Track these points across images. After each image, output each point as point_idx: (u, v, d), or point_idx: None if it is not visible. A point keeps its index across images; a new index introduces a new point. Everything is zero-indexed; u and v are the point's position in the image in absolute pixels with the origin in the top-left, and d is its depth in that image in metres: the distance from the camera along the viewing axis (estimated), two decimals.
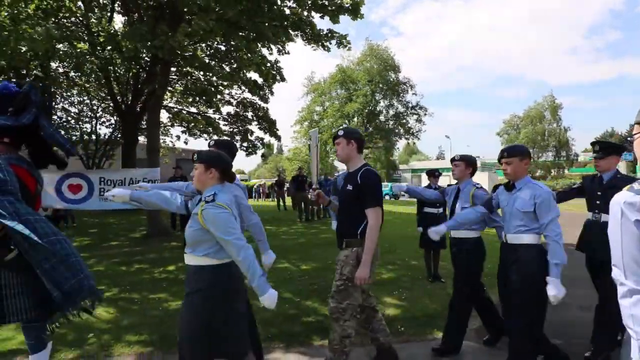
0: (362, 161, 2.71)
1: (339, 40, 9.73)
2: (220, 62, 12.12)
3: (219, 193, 2.03)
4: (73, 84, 14.94)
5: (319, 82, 33.44)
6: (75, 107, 16.94)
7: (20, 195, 2.24)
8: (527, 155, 2.62)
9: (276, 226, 11.09)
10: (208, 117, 15.92)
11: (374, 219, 2.49)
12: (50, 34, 5.54)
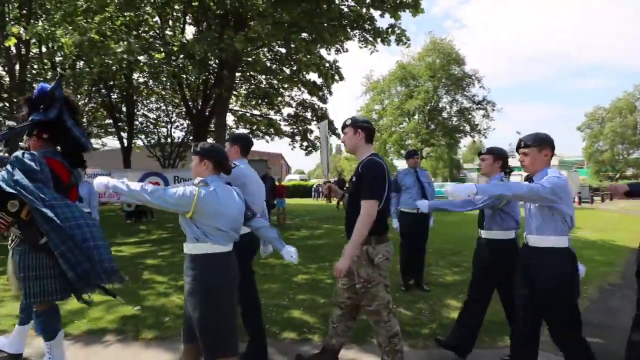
0: (370, 151, 2.53)
1: (399, 37, 9.49)
2: (281, 65, 12.52)
3: (212, 183, 2.13)
4: (151, 92, 16.47)
5: (378, 80, 32.95)
6: (153, 113, 18.65)
7: (51, 184, 2.48)
8: (547, 145, 2.24)
9: (335, 225, 11.15)
10: (270, 118, 16.52)
11: (365, 211, 2.32)
12: (130, 47, 6.15)
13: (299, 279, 5.07)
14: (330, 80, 12.05)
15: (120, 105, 16.14)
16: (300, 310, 3.90)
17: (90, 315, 3.77)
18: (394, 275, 5.15)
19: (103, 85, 14.01)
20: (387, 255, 2.44)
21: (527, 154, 2.26)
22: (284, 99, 16.01)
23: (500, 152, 2.95)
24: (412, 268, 4.68)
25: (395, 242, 3.08)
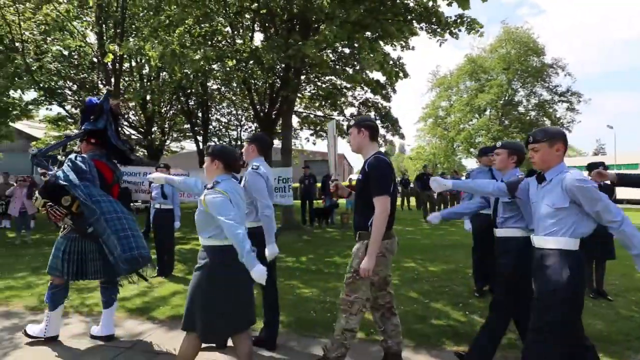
0: (375, 149, 2.59)
1: (470, 25, 8.95)
2: (345, 65, 12.55)
3: (222, 182, 2.31)
4: (224, 98, 17.58)
5: (445, 76, 31.47)
6: (225, 118, 19.90)
7: (97, 183, 2.99)
8: (559, 140, 2.09)
9: (401, 225, 10.89)
10: (333, 119, 16.65)
11: (379, 208, 2.37)
12: (207, 55, 6.64)
13: None
14: (394, 78, 11.74)
15: (197, 111, 17.46)
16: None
17: (172, 302, 4.12)
18: (466, 280, 4.88)
19: (182, 93, 15.27)
20: (384, 252, 2.47)
21: (537, 150, 2.13)
22: (347, 99, 16.04)
23: (515, 146, 2.81)
24: (486, 273, 4.38)
25: (466, 245, 2.92)
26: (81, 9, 10.03)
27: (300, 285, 4.76)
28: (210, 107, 17.90)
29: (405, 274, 5.26)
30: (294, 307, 3.97)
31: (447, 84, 30.88)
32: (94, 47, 10.59)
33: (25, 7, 8.83)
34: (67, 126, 15.65)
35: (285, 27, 8.88)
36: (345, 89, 15.55)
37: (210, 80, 13.62)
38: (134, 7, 9.04)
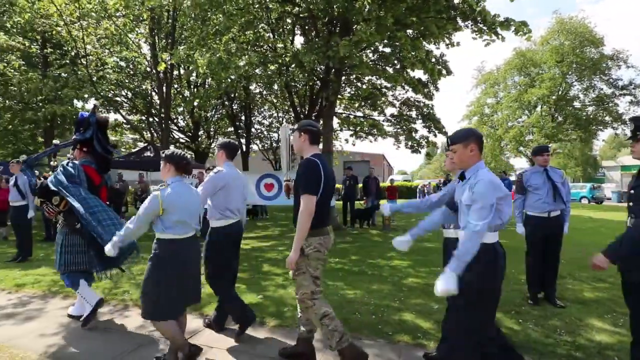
0: (314, 152, 2.75)
1: (518, 28, 8.49)
2: (385, 64, 12.40)
3: (172, 183, 2.69)
4: (265, 101, 18.03)
5: (491, 72, 30.08)
6: (266, 120, 20.39)
7: (85, 185, 3.55)
8: (472, 140, 2.19)
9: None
10: (373, 119, 16.50)
11: (303, 205, 2.53)
12: (251, 60, 6.86)
13: (409, 282, 4.95)
14: (436, 75, 11.47)
15: (240, 114, 18.05)
16: (413, 314, 3.79)
17: None
18: (517, 285, 4.64)
19: (226, 98, 15.87)
20: (318, 247, 2.62)
21: (455, 151, 2.24)
22: (387, 99, 15.82)
23: None
24: (541, 280, 4.14)
25: (515, 249, 2.78)
26: (136, 22, 10.76)
27: (344, 287, 4.77)
28: (252, 110, 18.44)
29: None
30: (339, 308, 3.98)
31: (493, 80, 29.51)
32: (148, 57, 11.29)
33: (89, 23, 9.63)
34: (123, 131, 16.83)
35: (327, 29, 8.96)
36: (385, 88, 15.36)
37: (253, 84, 14.03)
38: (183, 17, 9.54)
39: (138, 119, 14.57)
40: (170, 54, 8.02)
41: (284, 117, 19.96)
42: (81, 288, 3.57)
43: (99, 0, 9.05)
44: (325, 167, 2.66)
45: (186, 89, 14.75)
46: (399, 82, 12.42)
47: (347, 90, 16.00)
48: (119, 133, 16.87)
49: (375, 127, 16.28)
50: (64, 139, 14.24)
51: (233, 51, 7.95)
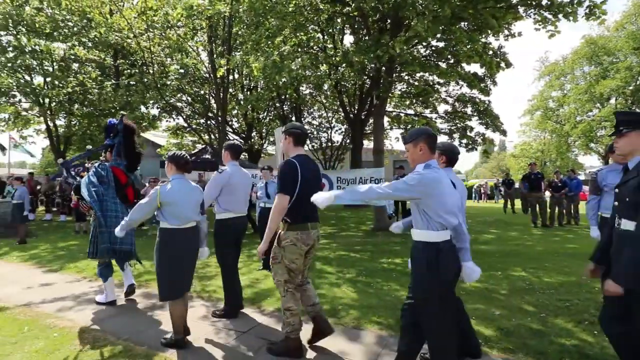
0: (297, 153, 2.93)
1: (590, 10, 7.73)
2: (438, 59, 11.97)
3: (173, 180, 3.11)
4: (315, 101, 18.25)
5: (556, 63, 27.82)
6: (316, 120, 20.62)
7: (113, 184, 4.05)
8: (422, 140, 2.26)
9: (502, 230, 9.97)
10: (425, 117, 16.02)
11: (276, 202, 2.78)
12: (303, 63, 6.99)
13: (466, 286, 4.73)
14: (494, 69, 10.83)
15: (290, 115, 18.44)
16: (472, 320, 3.63)
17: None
18: (591, 294, 4.26)
19: (277, 100, 16.30)
20: (294, 241, 2.81)
21: (408, 150, 2.33)
22: (440, 96, 15.27)
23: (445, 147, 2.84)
24: None
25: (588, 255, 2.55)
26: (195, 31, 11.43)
27: (398, 287, 4.69)
28: (302, 111, 18.75)
29: (515, 283, 4.81)
30: (393, 309, 3.93)
31: (559, 71, 27.28)
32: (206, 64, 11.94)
33: (155, 34, 10.41)
34: (184, 134, 17.95)
35: (377, 27, 8.85)
36: (438, 84, 14.85)
37: (303, 86, 14.27)
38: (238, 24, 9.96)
39: (197, 122, 15.46)
40: (227, 59, 8.41)
41: (334, 117, 20.06)
42: (108, 283, 4.16)
43: (163, 12, 9.75)
44: (305, 168, 2.83)
45: (240, 93, 15.38)
46: (453, 77, 11.93)
47: (397, 88, 15.71)
48: (180, 136, 18.02)
49: (427, 125, 15.80)
50: None
51: (285, 54, 8.13)
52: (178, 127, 17.36)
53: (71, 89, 11.98)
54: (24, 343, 3.18)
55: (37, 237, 9.12)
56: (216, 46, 10.48)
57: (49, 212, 13.49)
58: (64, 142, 15.56)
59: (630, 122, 2.16)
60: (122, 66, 12.57)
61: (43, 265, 6.13)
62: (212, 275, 5.35)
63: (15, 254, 7.08)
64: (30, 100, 13.48)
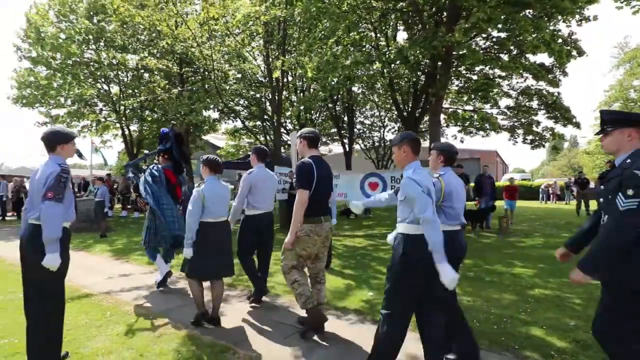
0: (311, 154, 3.26)
1: None
2: (499, 51, 11.26)
3: (207, 180, 3.56)
4: (367, 100, 18.10)
5: (638, 48, 24.83)
6: (368, 120, 20.43)
7: (164, 183, 4.65)
8: (404, 143, 2.50)
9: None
10: (485, 112, 15.16)
11: (297, 198, 3.11)
12: (356, 60, 6.95)
13: (537, 293, 4.41)
14: (565, 58, 9.94)
15: (342, 115, 18.47)
16: (543, 330, 3.37)
17: (333, 294, 4.45)
18: None
19: (330, 100, 16.40)
20: (308, 232, 3.18)
21: (394, 152, 2.55)
22: (502, 90, 14.34)
23: (443, 147, 2.95)
24: None
25: None
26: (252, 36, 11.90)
27: (459, 292, 4.48)
28: (354, 110, 18.68)
29: (593, 292, 4.36)
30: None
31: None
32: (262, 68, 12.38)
33: (216, 42, 11.02)
34: (241, 136, 18.74)
35: (433, 21, 8.55)
36: (499, 78, 13.97)
37: (355, 85, 14.21)
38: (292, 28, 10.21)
39: (253, 125, 16.08)
40: (282, 61, 8.63)
41: (386, 116, 19.74)
42: (157, 260, 4.80)
43: (224, 21, 10.28)
44: (319, 167, 3.18)
45: (293, 94, 15.73)
46: (517, 70, 11.15)
47: (454, 84, 15.03)
48: (237, 138, 18.85)
49: (488, 121, 14.93)
50: (195, 145, 16.58)
51: (338, 53, 8.17)
52: (236, 130, 18.18)
53: (143, 97, 13.09)
54: (107, 327, 3.54)
55: (115, 231, 10.07)
56: (271, 50, 10.82)
57: (124, 209, 14.86)
58: (136, 146, 17.04)
59: (614, 121, 2.13)
60: (186, 74, 13.46)
61: (120, 257, 6.77)
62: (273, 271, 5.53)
63: (97, 246, 7.89)
64: (108, 108, 14.95)
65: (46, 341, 2.63)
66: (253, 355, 2.97)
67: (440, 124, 9.72)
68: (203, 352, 3.00)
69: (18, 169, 31.01)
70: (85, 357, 2.92)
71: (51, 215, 2.52)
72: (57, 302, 2.69)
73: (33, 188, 2.70)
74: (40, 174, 2.65)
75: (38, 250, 2.53)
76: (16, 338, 3.19)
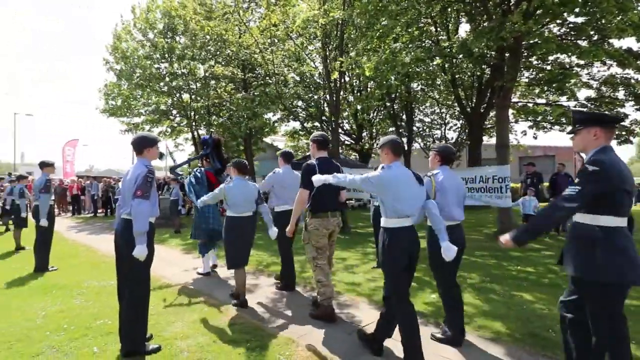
0: (320, 155, 3.70)
1: None
2: (576, 37, 10.24)
3: (234, 179, 4.13)
4: (427, 98, 17.53)
5: None
6: (428, 117, 19.79)
7: (206, 184, 5.28)
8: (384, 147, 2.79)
9: None
10: (560, 106, 13.87)
11: (297, 195, 3.58)
12: (417, 56, 6.76)
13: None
14: None
15: (401, 114, 18.09)
16: (633, 344, 3.02)
17: None
18: None
19: (387, 99, 16.18)
20: (317, 226, 3.60)
21: (380, 155, 2.88)
22: (580, 80, 13.00)
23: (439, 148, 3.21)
24: None
25: None
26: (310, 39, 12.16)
27: (532, 299, 4.20)
28: (413, 108, 18.20)
29: None
30: (525, 321, 3.55)
31: None
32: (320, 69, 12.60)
33: (277, 47, 11.44)
34: (299, 137, 19.21)
35: (500, 10, 8.04)
36: (577, 67, 12.69)
37: (415, 82, 13.83)
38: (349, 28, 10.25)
39: (311, 126, 16.40)
40: (340, 62, 8.70)
41: (447, 113, 18.96)
42: (205, 258, 5.48)
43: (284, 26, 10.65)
44: (323, 168, 3.48)
45: (350, 95, 15.77)
46: (599, 56, 10.05)
47: (524, 75, 13.97)
48: (296, 139, 19.36)
49: (564, 115, 13.66)
50: (257, 147, 17.33)
51: (397, 51, 8.03)
52: (295, 131, 18.67)
53: (210, 102, 14.02)
54: (183, 314, 3.87)
55: (187, 228, 10.92)
56: (329, 52, 10.96)
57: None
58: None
59: (582, 120, 2.25)
60: (249, 79, 14.16)
61: (192, 252, 7.32)
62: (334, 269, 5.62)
63: (173, 241, 8.62)
64: (181, 114, 16.22)
65: (136, 321, 2.96)
66: (316, 348, 3.07)
67: (508, 119, 9.08)
68: (269, 342, 3.16)
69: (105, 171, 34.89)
70: (166, 340, 3.23)
71: (140, 211, 2.84)
72: (145, 287, 3.03)
73: (125, 187, 3.06)
74: (131, 174, 3.01)
75: (129, 242, 2.87)
76: (109, 320, 3.63)
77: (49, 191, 5.73)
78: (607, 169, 2.04)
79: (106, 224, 12.47)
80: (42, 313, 3.91)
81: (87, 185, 16.89)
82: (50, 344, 3.17)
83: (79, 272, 5.69)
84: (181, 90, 15.34)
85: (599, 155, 2.12)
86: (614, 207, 2.04)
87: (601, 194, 2.03)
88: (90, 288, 4.83)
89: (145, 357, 2.93)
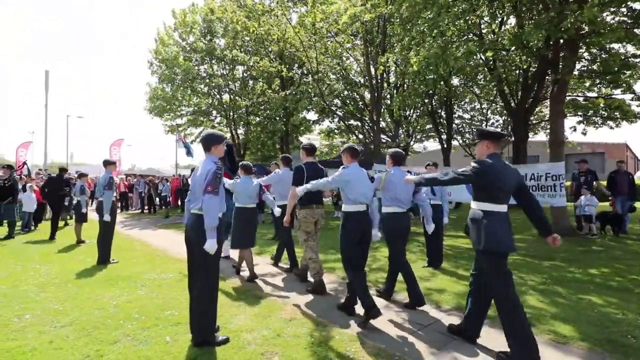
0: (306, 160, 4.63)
1: None
2: (632, 26, 9.53)
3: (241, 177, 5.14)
4: (468, 93, 16.98)
5: None
6: (468, 114, 19.17)
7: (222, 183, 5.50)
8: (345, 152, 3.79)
9: None
10: (614, 99, 12.99)
11: (290, 191, 4.41)
12: (469, 49, 6.53)
13: None
14: None
15: (439, 110, 17.64)
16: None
17: (451, 292, 4.29)
18: None
19: (425, 95, 15.83)
20: (306, 216, 4.55)
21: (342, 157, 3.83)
22: (637, 72, 12.09)
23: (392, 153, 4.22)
24: None
25: None
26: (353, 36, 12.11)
27: (603, 303, 3.96)
28: (453, 105, 17.70)
29: None
30: (600, 326, 3.34)
31: None
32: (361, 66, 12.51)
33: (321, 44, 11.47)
34: (334, 136, 19.21)
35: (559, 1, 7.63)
36: (634, 57, 11.81)
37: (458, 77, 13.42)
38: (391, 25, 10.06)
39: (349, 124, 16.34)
40: (387, 57, 8.57)
41: (489, 109, 18.28)
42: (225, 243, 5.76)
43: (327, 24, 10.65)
44: (309, 170, 4.43)
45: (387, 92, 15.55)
46: None
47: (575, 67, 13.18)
48: (331, 138, 19.37)
49: (618, 109, 12.78)
50: (293, 145, 17.53)
51: (442, 45, 7.80)
52: (330, 130, 18.69)
53: (248, 102, 14.32)
54: (244, 308, 3.96)
55: None
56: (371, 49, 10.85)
57: None
58: (242, 147, 18.71)
59: (478, 135, 2.99)
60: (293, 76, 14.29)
61: None
62: (381, 265, 5.57)
63: None
64: (220, 115, 16.68)
65: (205, 313, 3.06)
66: (381, 347, 3.04)
67: (562, 114, 8.61)
68: (333, 339, 3.17)
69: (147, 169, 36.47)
70: (232, 332, 3.32)
71: (211, 206, 2.93)
72: (214, 279, 3.12)
73: (195, 183, 3.16)
74: (201, 170, 3.10)
75: (200, 236, 2.96)
76: (176, 311, 3.78)
77: (112, 188, 6.04)
78: (486, 169, 2.75)
79: (152, 220, 13.05)
80: (113, 302, 4.13)
81: (135, 183, 17.72)
82: (125, 332, 3.34)
83: (136, 265, 5.97)
84: (221, 90, 15.75)
85: (485, 159, 2.82)
86: (492, 197, 2.77)
87: (482, 186, 2.81)
88: (151, 280, 5.05)
89: (214, 347, 3.02)
